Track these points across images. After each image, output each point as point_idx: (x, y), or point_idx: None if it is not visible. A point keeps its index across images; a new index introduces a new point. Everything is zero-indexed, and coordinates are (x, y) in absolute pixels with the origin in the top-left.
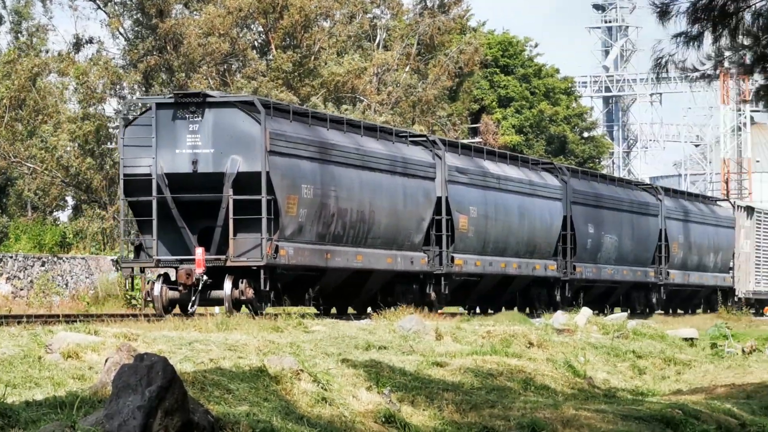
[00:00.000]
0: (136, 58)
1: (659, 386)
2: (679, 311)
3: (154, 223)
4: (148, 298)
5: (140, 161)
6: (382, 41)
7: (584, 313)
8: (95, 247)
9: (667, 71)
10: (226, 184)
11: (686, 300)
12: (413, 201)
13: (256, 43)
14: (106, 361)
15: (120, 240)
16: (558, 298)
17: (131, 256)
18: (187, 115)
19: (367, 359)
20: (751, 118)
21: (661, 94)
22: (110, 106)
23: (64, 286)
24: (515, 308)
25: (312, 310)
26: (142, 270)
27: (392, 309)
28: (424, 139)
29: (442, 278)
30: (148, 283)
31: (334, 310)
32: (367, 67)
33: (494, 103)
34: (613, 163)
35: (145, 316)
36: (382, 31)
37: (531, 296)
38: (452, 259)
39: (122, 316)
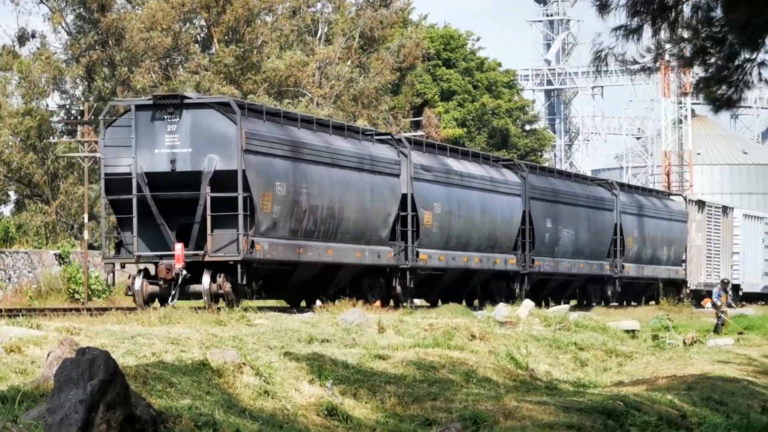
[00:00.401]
0: (78, 52)
1: (601, 378)
2: (633, 303)
3: (135, 220)
4: (129, 292)
5: (120, 161)
6: (324, 35)
7: (526, 305)
8: (38, 242)
9: (606, 64)
10: (203, 182)
11: (640, 292)
12: (380, 197)
13: (198, 38)
14: (48, 355)
15: (102, 237)
16: (517, 291)
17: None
18: (166, 116)
19: (309, 352)
20: (692, 110)
21: (602, 87)
22: (53, 101)
23: (7, 281)
24: (476, 301)
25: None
26: (123, 265)
27: (360, 302)
28: (390, 137)
29: (408, 272)
30: (129, 277)
31: (303, 303)
32: (309, 62)
33: (437, 96)
34: (555, 156)
35: (88, 310)
36: (324, 24)
37: (491, 289)
38: (417, 253)
39: (65, 310)
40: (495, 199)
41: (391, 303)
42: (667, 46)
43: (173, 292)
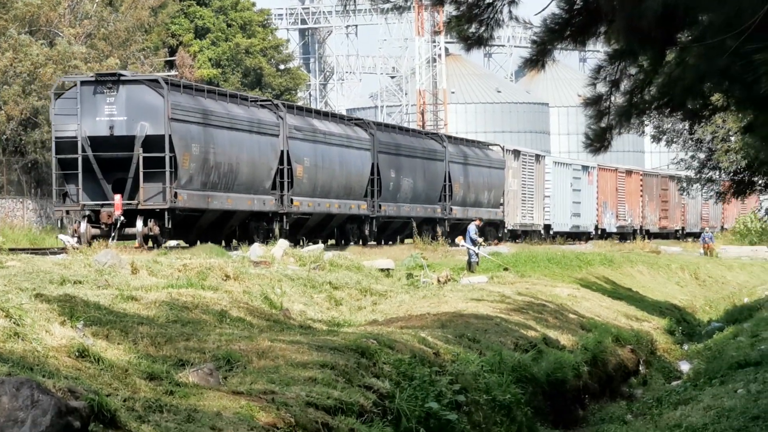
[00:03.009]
0: None
1: (355, 317)
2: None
3: (80, 175)
4: (75, 235)
5: (68, 126)
6: None
7: (281, 245)
8: None
9: (355, 3)
10: (136, 144)
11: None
12: (265, 154)
13: None
14: None
15: (54, 189)
16: (367, 232)
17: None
18: (105, 90)
19: (61, 294)
20: (446, 49)
21: (356, 26)
22: None
23: None
24: (334, 240)
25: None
26: (68, 212)
27: (246, 242)
28: (270, 102)
29: (284, 216)
30: (75, 222)
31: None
32: (60, 1)
33: (191, 36)
34: (310, 95)
35: None
36: None
37: (346, 231)
38: (291, 200)
39: None
40: (350, 153)
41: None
42: None
43: (113, 234)
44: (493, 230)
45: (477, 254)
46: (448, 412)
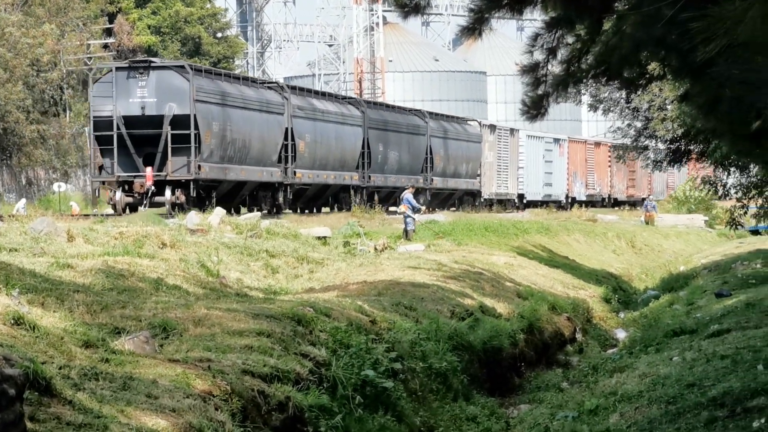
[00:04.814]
0: None
1: (292, 285)
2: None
3: (115, 150)
4: (111, 202)
5: (104, 107)
6: None
7: (217, 213)
8: None
9: None
10: (165, 123)
11: (446, 199)
12: (272, 131)
13: None
14: None
15: (90, 162)
16: (358, 200)
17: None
18: (137, 75)
19: None
20: (384, 17)
21: None
22: None
23: None
24: (329, 208)
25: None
26: (103, 183)
27: (255, 209)
28: (277, 84)
29: (288, 187)
30: (111, 191)
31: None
32: None
33: (131, 4)
34: (248, 63)
35: None
36: None
37: (340, 199)
38: (294, 172)
39: None
40: (345, 129)
41: (274, 210)
42: None
43: (144, 202)
44: (470, 199)
45: (414, 221)
46: (385, 379)
